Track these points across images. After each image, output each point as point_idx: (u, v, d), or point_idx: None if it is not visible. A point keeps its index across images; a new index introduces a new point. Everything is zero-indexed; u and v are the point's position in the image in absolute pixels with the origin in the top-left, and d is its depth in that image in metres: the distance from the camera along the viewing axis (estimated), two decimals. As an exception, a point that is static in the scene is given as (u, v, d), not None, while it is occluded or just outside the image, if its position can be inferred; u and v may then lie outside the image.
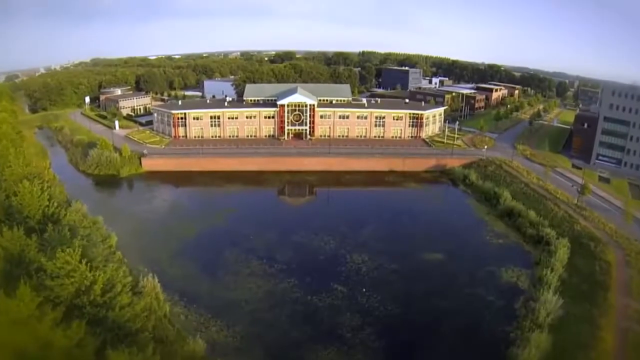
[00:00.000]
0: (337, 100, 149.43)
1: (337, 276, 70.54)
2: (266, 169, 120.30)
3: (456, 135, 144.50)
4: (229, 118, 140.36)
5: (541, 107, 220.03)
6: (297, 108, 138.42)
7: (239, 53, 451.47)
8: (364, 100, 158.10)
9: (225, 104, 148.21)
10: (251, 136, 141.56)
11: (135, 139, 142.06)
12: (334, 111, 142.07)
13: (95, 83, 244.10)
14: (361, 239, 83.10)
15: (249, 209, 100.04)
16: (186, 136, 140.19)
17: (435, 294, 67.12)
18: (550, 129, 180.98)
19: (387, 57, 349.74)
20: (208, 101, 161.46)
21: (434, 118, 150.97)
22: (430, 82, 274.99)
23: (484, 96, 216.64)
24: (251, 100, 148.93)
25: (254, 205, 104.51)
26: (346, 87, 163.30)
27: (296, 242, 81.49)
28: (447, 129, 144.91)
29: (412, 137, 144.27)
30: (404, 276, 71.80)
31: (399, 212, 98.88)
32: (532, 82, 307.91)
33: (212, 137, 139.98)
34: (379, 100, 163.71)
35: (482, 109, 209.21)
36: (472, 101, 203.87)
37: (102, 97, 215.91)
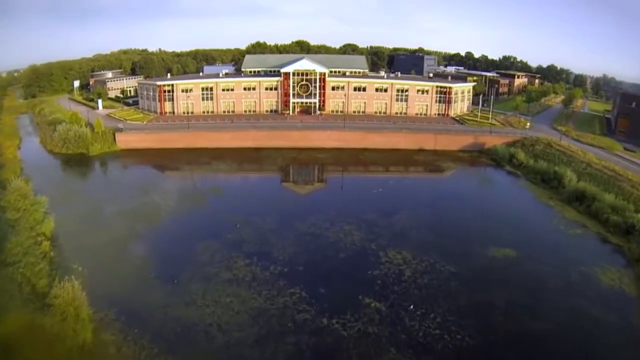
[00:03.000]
0: (351, 72, 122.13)
1: (368, 285, 43.35)
2: (266, 145, 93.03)
3: (490, 115, 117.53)
4: (223, 90, 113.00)
5: (569, 94, 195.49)
6: (304, 77, 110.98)
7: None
8: (383, 73, 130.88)
9: (221, 75, 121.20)
10: (250, 111, 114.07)
11: (117, 117, 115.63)
12: (348, 81, 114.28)
13: (87, 69, 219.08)
14: (397, 229, 55.77)
15: (240, 190, 73.14)
16: (173, 112, 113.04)
17: (521, 309, 40.88)
18: (584, 115, 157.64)
19: (396, 50, 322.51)
20: (201, 74, 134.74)
21: (462, 95, 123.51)
22: (444, 71, 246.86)
23: (507, 81, 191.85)
24: (250, 72, 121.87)
25: (247, 185, 77.53)
26: (361, 58, 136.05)
27: (303, 232, 54.27)
28: (480, 109, 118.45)
29: (439, 114, 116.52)
30: (468, 282, 44.87)
31: (441, 196, 71.42)
32: (549, 73, 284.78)
33: (204, 112, 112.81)
34: (398, 73, 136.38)
35: (506, 95, 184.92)
36: (497, 85, 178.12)
37: (91, 81, 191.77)
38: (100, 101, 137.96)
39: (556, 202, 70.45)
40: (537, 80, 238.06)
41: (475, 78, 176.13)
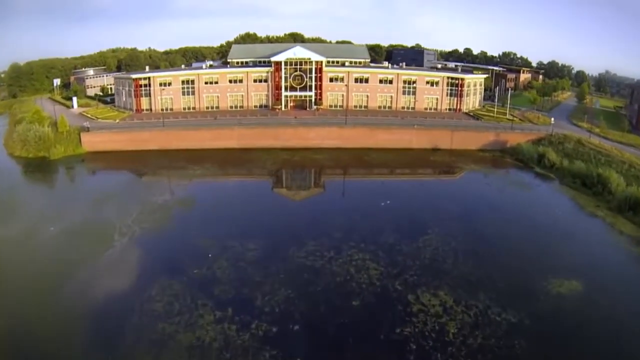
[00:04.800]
0: (351, 62, 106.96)
1: (399, 353, 28.50)
2: (253, 145, 77.72)
3: (508, 110, 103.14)
4: (206, 83, 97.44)
5: (581, 89, 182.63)
6: (298, 67, 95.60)
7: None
8: (387, 63, 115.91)
9: (204, 66, 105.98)
10: (236, 107, 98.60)
11: (89, 116, 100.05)
12: (349, 72, 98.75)
13: (70, 67, 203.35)
14: (426, 256, 40.64)
15: (218, 202, 56.63)
16: (151, 109, 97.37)
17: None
18: (598, 111, 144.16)
19: (392, 47, 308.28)
20: (183, 66, 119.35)
21: (474, 88, 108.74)
22: (445, 65, 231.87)
23: (513, 76, 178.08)
24: (237, 63, 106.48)
25: (227, 195, 60.60)
26: (362, 48, 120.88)
27: (299, 265, 38.84)
28: (495, 104, 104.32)
29: (450, 109, 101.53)
30: (538, 340, 30.33)
31: (471, 206, 55.76)
32: (550, 69, 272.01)
33: (185, 109, 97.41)
34: (403, 64, 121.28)
35: (513, 90, 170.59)
36: (503, 79, 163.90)
37: (72, 79, 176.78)
38: (75, 99, 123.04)
39: (605, 212, 56.54)
40: (540, 76, 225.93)
41: (480, 72, 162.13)
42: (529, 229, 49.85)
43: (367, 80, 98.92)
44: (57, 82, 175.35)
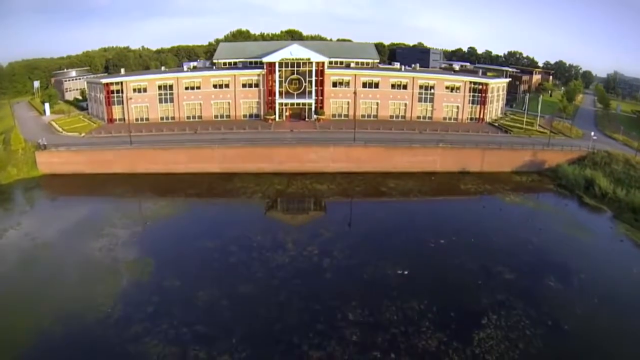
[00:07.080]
0: (357, 64, 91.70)
1: None
2: (238, 169, 62.44)
3: (538, 119, 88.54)
4: (186, 88, 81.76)
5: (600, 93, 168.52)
6: (295, 69, 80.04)
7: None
8: (398, 64, 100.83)
9: (185, 68, 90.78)
10: (222, 116, 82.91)
11: (57, 127, 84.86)
12: (355, 74, 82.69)
13: (54, 68, 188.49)
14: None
15: (180, 267, 38.94)
16: (124, 119, 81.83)
17: None
18: (624, 117, 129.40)
19: (395, 46, 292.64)
20: (163, 68, 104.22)
21: (498, 94, 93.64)
22: (450, 65, 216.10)
23: (527, 77, 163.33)
24: (225, 64, 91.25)
25: (194, 254, 41.28)
26: (369, 47, 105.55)
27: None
28: (526, 113, 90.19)
29: (472, 119, 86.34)
30: None
31: (529, 271, 39.03)
32: (557, 70, 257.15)
33: (162, 118, 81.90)
34: (417, 66, 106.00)
35: (527, 93, 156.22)
36: (518, 82, 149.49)
37: (52, 81, 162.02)
38: (47, 105, 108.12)
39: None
40: (551, 77, 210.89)
41: (495, 74, 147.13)
42: (609, 306, 34.60)
43: (377, 85, 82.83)
44: (37, 84, 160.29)
